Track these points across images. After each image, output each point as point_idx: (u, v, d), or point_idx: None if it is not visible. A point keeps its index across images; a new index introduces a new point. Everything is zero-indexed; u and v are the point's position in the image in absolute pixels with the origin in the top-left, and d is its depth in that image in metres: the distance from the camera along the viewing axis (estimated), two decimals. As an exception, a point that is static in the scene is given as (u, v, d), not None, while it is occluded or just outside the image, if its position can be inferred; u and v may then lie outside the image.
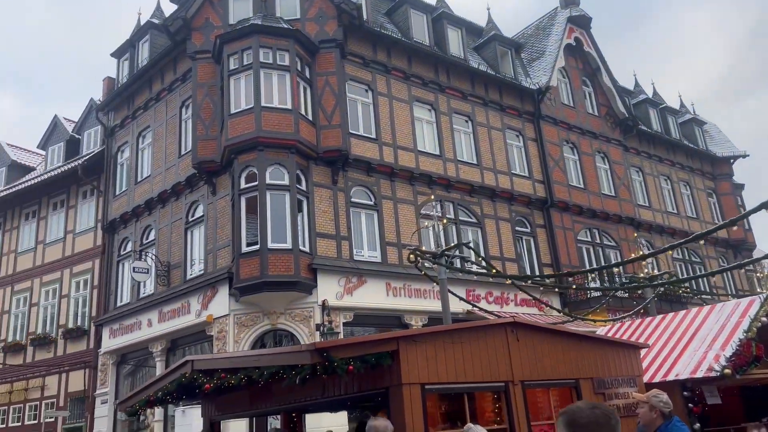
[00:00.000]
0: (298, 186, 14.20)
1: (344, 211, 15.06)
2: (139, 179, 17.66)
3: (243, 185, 14.02)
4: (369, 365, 4.24)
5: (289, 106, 14.34)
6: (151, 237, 16.85)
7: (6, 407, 19.15)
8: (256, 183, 13.86)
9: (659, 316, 9.51)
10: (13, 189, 21.26)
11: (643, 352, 7.32)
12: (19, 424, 18.81)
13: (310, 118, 14.89)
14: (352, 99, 15.97)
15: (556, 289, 15.84)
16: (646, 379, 7.01)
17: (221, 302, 13.97)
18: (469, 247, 10.62)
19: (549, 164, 19.85)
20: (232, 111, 14.34)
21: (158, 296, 15.63)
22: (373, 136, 16.02)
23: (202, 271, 14.93)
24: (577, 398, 5.30)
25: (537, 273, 18.49)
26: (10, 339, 19.91)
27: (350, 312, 14.10)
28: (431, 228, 11.78)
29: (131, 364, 16.83)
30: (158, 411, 14.84)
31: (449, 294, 10.52)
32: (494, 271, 10.24)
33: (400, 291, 15.08)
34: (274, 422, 13.08)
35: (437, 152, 17.32)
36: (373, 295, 14.56)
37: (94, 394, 17.04)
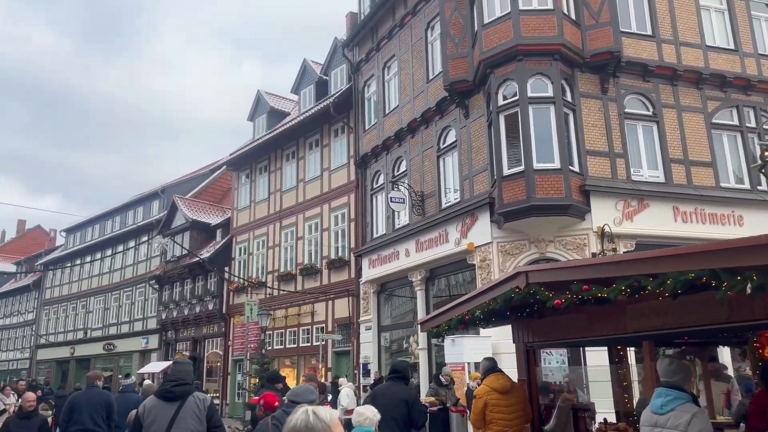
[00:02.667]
0: (563, 98, 12.51)
1: (617, 124, 12.97)
2: (387, 111, 17.53)
3: (501, 102, 12.77)
4: None
5: (550, 5, 12.54)
6: (403, 168, 16.67)
7: (283, 330, 21.26)
8: (515, 98, 12.50)
9: None
10: (274, 133, 23.01)
11: None
12: (295, 345, 20.76)
13: (574, 17, 12.92)
14: (622, -9, 13.50)
15: None
16: None
17: (482, 230, 13.14)
18: None
19: None
20: (486, 21, 13.04)
21: (414, 226, 15.43)
22: (649, 32, 13.44)
23: (459, 199, 14.24)
24: None
25: None
26: (282, 269, 21.92)
27: (631, 240, 12.20)
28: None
29: (390, 293, 17.15)
30: (422, 338, 14.85)
31: None
32: None
33: (690, 216, 12.67)
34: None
35: (731, 46, 14.02)
36: (658, 221, 12.42)
37: (358, 320, 17.84)
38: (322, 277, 20.04)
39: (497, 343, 12.00)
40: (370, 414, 4.15)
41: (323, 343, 18.91)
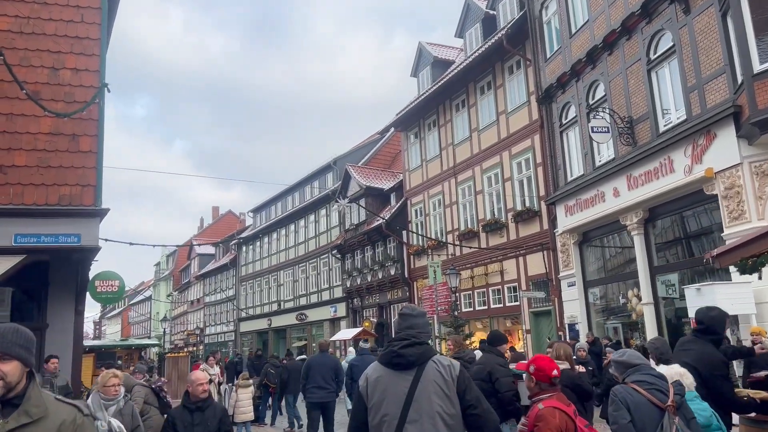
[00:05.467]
0: (837, -44, 9.18)
1: None
2: (573, 31, 14.98)
3: (741, -20, 9.77)
4: None
5: None
6: (600, 93, 14.11)
7: (470, 291, 19.85)
8: (764, -31, 9.44)
9: None
10: (440, 83, 21.40)
11: None
12: (485, 307, 19.26)
13: None
14: None
15: None
16: None
17: (724, 149, 10.34)
18: None
19: None
20: None
21: (623, 159, 12.92)
22: None
23: (683, 117, 11.46)
24: None
25: None
26: (462, 227, 20.47)
27: None
28: None
29: (595, 242, 14.81)
30: (646, 291, 12.44)
31: None
32: None
33: None
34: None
35: None
36: None
37: (557, 276, 15.78)
38: (509, 231, 18.20)
39: (761, 289, 9.34)
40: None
41: (517, 303, 17.21)
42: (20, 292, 8.63)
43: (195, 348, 46.29)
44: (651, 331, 12.32)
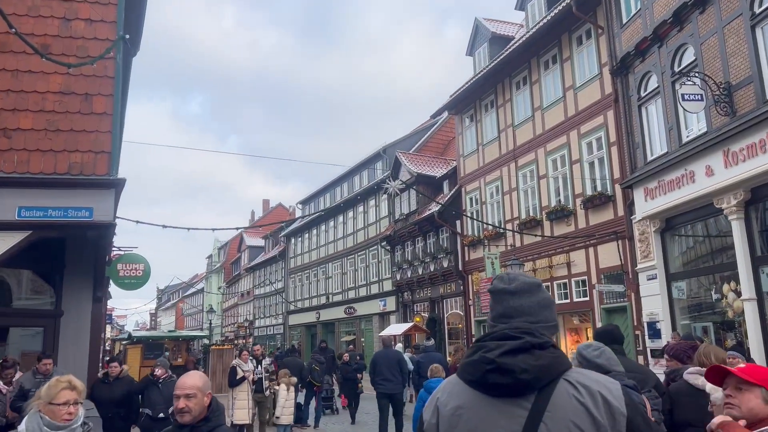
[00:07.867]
0: None
1: None
2: (655, -11, 13.18)
3: None
4: None
5: None
6: (688, 58, 12.29)
7: (532, 285, 18.23)
8: None
9: None
10: (499, 59, 19.79)
11: None
12: (549, 302, 17.61)
13: None
14: None
15: None
16: None
17: None
18: None
19: None
20: None
21: (718, 132, 11.10)
22: None
23: (800, 78, 9.61)
24: None
25: None
26: (523, 216, 18.87)
27: None
28: None
29: (681, 229, 13.00)
30: (747, 283, 10.62)
31: None
32: None
33: None
34: None
35: None
36: None
37: (635, 269, 14.03)
38: (577, 219, 16.50)
39: None
40: None
41: (586, 299, 15.52)
42: (34, 276, 7.74)
43: (245, 341, 46.12)
44: (753, 332, 10.52)
